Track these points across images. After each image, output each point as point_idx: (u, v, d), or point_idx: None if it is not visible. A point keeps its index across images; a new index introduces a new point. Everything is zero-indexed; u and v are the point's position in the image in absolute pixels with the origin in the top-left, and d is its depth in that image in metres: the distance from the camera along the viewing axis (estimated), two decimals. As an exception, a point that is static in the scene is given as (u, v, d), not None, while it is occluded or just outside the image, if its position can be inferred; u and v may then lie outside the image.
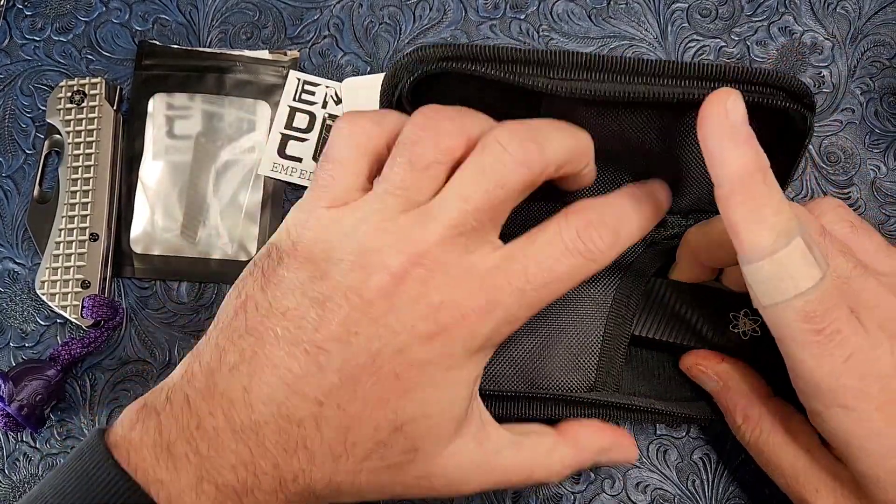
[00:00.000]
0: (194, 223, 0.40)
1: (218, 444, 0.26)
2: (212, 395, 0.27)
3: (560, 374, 0.34)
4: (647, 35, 0.41)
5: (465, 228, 0.27)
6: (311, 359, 0.26)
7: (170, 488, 0.26)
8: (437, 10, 0.42)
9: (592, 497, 0.37)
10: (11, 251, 0.41)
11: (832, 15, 0.41)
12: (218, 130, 0.41)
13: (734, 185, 0.27)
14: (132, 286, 0.40)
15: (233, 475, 0.26)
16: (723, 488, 0.36)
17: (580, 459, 0.32)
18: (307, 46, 0.42)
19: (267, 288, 0.27)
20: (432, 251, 0.27)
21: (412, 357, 0.27)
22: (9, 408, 0.36)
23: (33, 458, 0.39)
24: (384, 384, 0.27)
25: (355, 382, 0.27)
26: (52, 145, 0.41)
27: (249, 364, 0.27)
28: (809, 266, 0.27)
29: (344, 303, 0.26)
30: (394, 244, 0.27)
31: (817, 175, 0.39)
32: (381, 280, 0.26)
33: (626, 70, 0.29)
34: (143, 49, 0.42)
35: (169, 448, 0.26)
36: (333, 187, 0.28)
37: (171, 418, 0.27)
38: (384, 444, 0.27)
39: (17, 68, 0.43)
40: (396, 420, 0.27)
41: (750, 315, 0.34)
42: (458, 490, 0.30)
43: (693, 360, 0.35)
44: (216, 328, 0.28)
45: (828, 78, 0.40)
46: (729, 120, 0.27)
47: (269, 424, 0.26)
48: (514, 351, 0.34)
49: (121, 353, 0.40)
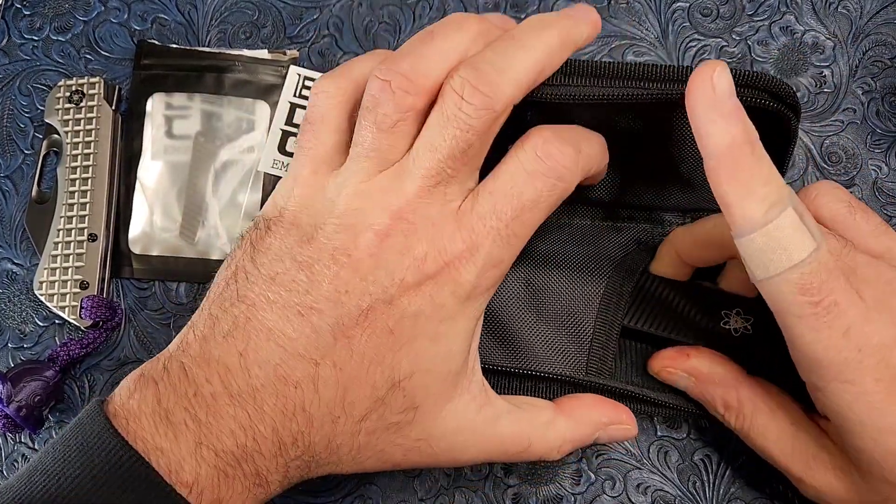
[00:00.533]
0: (193, 223, 0.40)
1: (216, 410, 0.27)
2: (207, 362, 0.27)
3: (552, 359, 0.34)
4: (648, 35, 0.41)
5: (442, 178, 0.27)
6: (305, 320, 0.27)
7: (169, 455, 0.26)
8: (437, 10, 0.42)
9: (593, 498, 0.37)
10: (10, 252, 0.41)
11: (833, 14, 0.41)
12: (217, 130, 0.41)
13: (722, 158, 0.27)
14: (131, 287, 0.40)
15: (232, 440, 0.27)
16: (724, 489, 0.36)
17: (579, 434, 0.32)
18: (306, 46, 0.42)
19: (256, 256, 0.28)
20: (412, 204, 0.27)
21: (403, 309, 0.27)
22: (7, 409, 0.36)
23: (32, 459, 0.39)
24: (378, 339, 0.27)
25: (350, 340, 0.27)
26: (50, 145, 0.41)
27: (244, 330, 0.27)
28: (802, 236, 0.27)
29: (332, 263, 0.27)
30: (375, 203, 0.27)
31: (818, 175, 0.39)
32: (367, 239, 0.27)
33: (603, 74, 0.29)
34: (141, 48, 0.42)
35: (167, 416, 0.26)
36: (317, 147, 0.29)
37: (168, 387, 0.27)
38: (382, 402, 0.28)
39: (16, 68, 0.43)
40: (393, 376, 0.28)
41: (742, 314, 0.34)
42: (457, 457, 0.30)
43: (661, 364, 0.35)
44: (208, 300, 0.29)
45: (829, 78, 0.40)
46: (716, 92, 0.26)
47: (266, 388, 0.27)
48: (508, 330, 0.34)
49: (119, 353, 0.39)
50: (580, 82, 0.29)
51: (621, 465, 0.37)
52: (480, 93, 0.27)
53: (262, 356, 0.27)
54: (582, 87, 0.29)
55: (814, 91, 0.40)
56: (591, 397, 0.33)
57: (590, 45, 0.41)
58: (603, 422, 0.33)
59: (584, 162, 0.29)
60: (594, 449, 0.37)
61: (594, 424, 0.32)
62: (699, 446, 0.37)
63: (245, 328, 0.27)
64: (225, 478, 0.27)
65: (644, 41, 0.41)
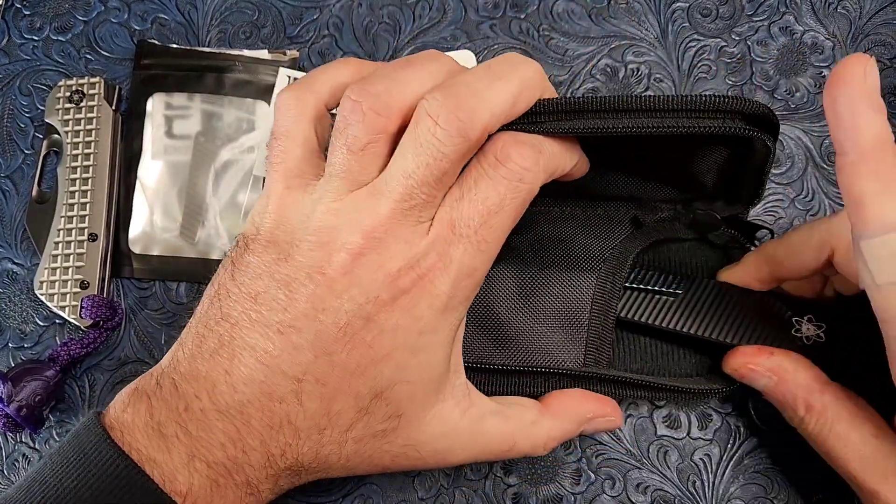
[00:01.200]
0: (193, 223, 0.40)
1: (206, 425, 0.27)
2: (196, 378, 0.28)
3: (550, 352, 0.34)
4: (648, 35, 0.41)
5: (416, 202, 0.27)
6: (285, 338, 0.27)
7: (163, 466, 0.27)
8: (437, 10, 0.42)
9: (593, 498, 0.37)
10: (10, 251, 0.41)
11: (833, 15, 0.41)
12: (217, 130, 0.41)
13: (865, 154, 0.25)
14: (131, 286, 0.40)
15: (222, 452, 0.27)
16: (724, 489, 0.36)
17: (565, 429, 0.33)
18: (306, 46, 0.42)
19: (236, 275, 0.29)
20: (385, 224, 0.27)
21: (381, 325, 0.28)
22: (8, 408, 0.36)
23: (32, 458, 0.39)
24: (359, 354, 0.28)
25: (330, 356, 0.27)
26: (50, 145, 0.41)
27: (228, 348, 0.28)
28: None
29: (308, 282, 0.27)
30: (348, 222, 0.28)
31: (818, 175, 0.39)
32: (341, 258, 0.27)
33: (590, 109, 0.29)
34: (141, 48, 0.42)
35: (160, 429, 0.27)
36: (286, 161, 0.29)
37: (160, 401, 0.28)
38: (367, 412, 0.28)
39: (16, 68, 0.43)
40: (376, 387, 0.28)
41: (814, 320, 0.33)
42: (444, 459, 0.31)
43: (742, 360, 0.33)
44: (195, 317, 0.29)
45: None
46: (867, 84, 0.25)
47: (252, 403, 0.27)
48: (503, 329, 0.35)
49: (120, 353, 0.39)
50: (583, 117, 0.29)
51: (621, 464, 0.37)
52: (456, 118, 0.27)
53: (247, 373, 0.27)
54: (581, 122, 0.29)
55: (814, 91, 0.40)
56: (576, 393, 0.34)
57: (590, 46, 0.41)
58: (588, 417, 0.33)
59: (547, 161, 0.29)
60: (594, 449, 0.37)
61: (579, 420, 0.33)
62: (699, 446, 0.37)
63: (230, 346, 0.28)
64: (217, 487, 0.27)
65: (644, 41, 0.41)
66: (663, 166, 0.35)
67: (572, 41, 0.41)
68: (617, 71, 0.41)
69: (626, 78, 0.41)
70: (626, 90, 0.41)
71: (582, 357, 0.34)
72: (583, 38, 0.41)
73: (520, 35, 0.41)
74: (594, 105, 0.29)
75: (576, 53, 0.41)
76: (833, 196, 0.39)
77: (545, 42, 0.41)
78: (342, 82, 0.30)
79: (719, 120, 0.29)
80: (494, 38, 0.41)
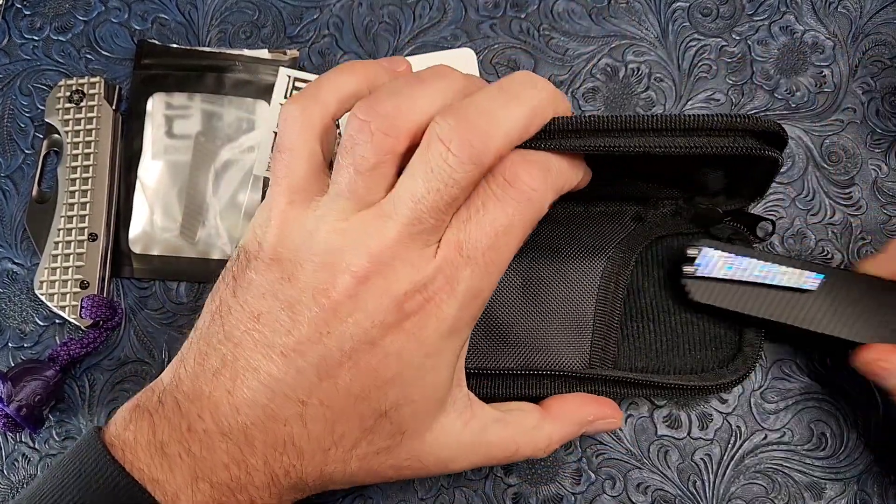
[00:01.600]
0: (193, 223, 0.40)
1: (209, 445, 0.27)
2: (199, 398, 0.27)
3: (555, 353, 0.34)
4: (648, 34, 0.41)
5: (424, 227, 0.27)
6: (289, 361, 0.27)
7: (165, 487, 0.26)
8: (438, 10, 0.42)
9: (593, 498, 0.37)
10: (10, 251, 0.41)
11: (833, 14, 0.41)
12: (217, 130, 0.41)
13: None
14: (131, 286, 0.40)
15: (226, 473, 0.27)
16: (724, 489, 0.36)
17: (566, 432, 0.33)
18: (307, 46, 0.42)
19: (238, 292, 0.28)
20: (392, 248, 0.27)
21: (386, 348, 0.27)
22: (7, 408, 0.36)
23: (32, 458, 0.39)
24: (364, 377, 0.27)
25: (335, 379, 0.27)
26: (50, 145, 0.41)
27: (231, 368, 0.27)
28: None
29: (313, 304, 0.27)
30: (354, 243, 0.27)
31: (818, 175, 0.39)
32: (346, 281, 0.27)
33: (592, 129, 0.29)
34: (142, 48, 0.42)
35: (162, 448, 0.27)
36: (290, 176, 0.29)
37: (163, 419, 0.27)
38: (371, 431, 0.28)
39: (16, 68, 0.43)
40: (380, 408, 0.28)
41: None
42: (447, 467, 0.31)
43: (873, 356, 0.33)
44: (196, 332, 0.29)
45: (829, 77, 0.40)
46: None
47: (255, 425, 0.27)
48: (506, 331, 0.34)
49: (119, 353, 0.39)
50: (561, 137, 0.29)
51: (621, 464, 0.37)
52: (469, 144, 0.26)
53: (250, 396, 0.27)
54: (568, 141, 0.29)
55: (814, 91, 0.40)
56: (577, 396, 0.34)
57: (590, 45, 0.41)
58: (588, 419, 0.33)
59: (555, 180, 0.28)
60: (594, 449, 0.37)
61: (580, 423, 0.33)
62: (699, 446, 0.37)
63: (233, 366, 0.27)
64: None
65: (644, 41, 0.41)
66: (668, 172, 0.35)
67: (572, 41, 0.41)
68: (617, 70, 0.41)
69: (626, 77, 0.41)
70: (626, 90, 0.40)
71: (587, 357, 0.34)
72: (583, 38, 0.41)
73: (520, 34, 0.41)
74: (606, 125, 0.29)
75: (576, 53, 0.41)
76: (833, 196, 0.39)
77: (545, 41, 0.41)
78: (349, 92, 0.30)
79: (730, 139, 0.29)
80: (495, 37, 0.41)
